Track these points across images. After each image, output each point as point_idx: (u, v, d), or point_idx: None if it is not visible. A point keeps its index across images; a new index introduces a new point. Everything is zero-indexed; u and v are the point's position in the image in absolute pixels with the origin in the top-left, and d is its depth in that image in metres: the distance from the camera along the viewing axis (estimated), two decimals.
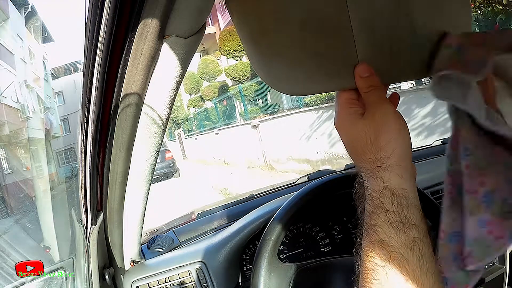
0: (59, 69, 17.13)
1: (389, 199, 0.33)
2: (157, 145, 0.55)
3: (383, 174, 0.34)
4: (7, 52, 8.99)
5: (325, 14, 0.34)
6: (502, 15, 3.59)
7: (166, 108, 0.48)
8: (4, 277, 0.79)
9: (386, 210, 0.33)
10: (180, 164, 10.98)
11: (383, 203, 0.33)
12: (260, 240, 0.65)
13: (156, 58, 0.41)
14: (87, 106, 0.43)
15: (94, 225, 0.60)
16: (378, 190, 0.34)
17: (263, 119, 7.20)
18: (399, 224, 0.32)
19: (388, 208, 0.33)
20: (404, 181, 0.34)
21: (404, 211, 0.33)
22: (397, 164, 0.35)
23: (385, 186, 0.34)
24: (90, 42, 0.36)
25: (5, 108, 8.00)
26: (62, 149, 9.65)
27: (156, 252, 0.84)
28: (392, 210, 0.33)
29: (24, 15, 10.15)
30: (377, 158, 0.35)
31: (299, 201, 0.67)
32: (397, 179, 0.34)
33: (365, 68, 0.36)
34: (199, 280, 0.74)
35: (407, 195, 0.34)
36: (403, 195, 0.34)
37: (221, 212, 1.02)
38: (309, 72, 0.36)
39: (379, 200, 0.33)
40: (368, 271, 0.32)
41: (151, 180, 0.62)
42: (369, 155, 0.36)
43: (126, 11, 0.35)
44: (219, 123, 10.23)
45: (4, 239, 1.64)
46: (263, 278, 0.61)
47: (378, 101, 0.37)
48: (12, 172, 6.04)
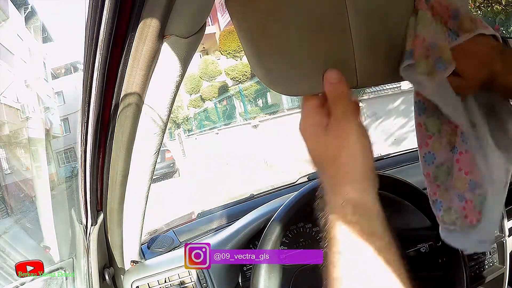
0: (59, 69, 17.13)
1: (350, 211, 0.33)
2: (157, 145, 0.55)
3: (344, 189, 0.34)
4: (7, 52, 8.99)
5: (324, 15, 0.34)
6: (502, 15, 3.59)
7: (166, 108, 0.48)
8: (4, 277, 0.79)
9: (347, 221, 0.33)
10: (180, 164, 10.98)
11: (344, 216, 0.33)
12: (260, 240, 0.65)
13: (156, 58, 0.41)
14: (87, 106, 0.43)
15: (94, 225, 0.60)
16: (339, 204, 0.34)
17: (263, 119, 7.20)
18: (362, 235, 0.32)
19: (349, 220, 0.33)
20: (366, 194, 0.34)
21: (366, 223, 0.33)
22: (357, 180, 0.35)
23: (346, 200, 0.34)
24: (90, 42, 0.36)
25: (5, 108, 8.00)
26: (62, 149, 9.64)
27: (156, 252, 0.84)
28: (354, 221, 0.33)
29: (24, 15, 10.15)
30: (338, 173, 0.35)
31: (299, 201, 0.67)
32: (358, 194, 0.34)
33: (334, 74, 0.35)
34: (199, 280, 0.74)
35: (369, 208, 0.34)
36: (364, 208, 0.34)
37: (221, 212, 1.02)
38: (306, 73, 0.36)
39: (340, 213, 0.33)
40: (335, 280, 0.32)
41: (151, 180, 0.62)
42: (330, 170, 0.36)
43: (126, 11, 0.35)
44: (219, 123, 10.23)
45: (4, 239, 1.64)
46: (263, 278, 0.61)
47: (343, 114, 0.36)
48: (12, 172, 6.04)
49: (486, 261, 0.95)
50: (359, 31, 0.34)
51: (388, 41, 0.37)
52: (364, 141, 0.36)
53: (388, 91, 4.79)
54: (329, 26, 0.34)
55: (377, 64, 0.37)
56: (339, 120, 0.36)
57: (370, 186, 0.35)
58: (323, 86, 0.36)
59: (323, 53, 0.35)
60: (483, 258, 0.95)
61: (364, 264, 0.31)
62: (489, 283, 0.92)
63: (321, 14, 0.34)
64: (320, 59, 0.35)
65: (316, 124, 0.37)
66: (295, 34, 0.34)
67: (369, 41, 0.35)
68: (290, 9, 0.34)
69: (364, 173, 0.35)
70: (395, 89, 4.93)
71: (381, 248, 0.31)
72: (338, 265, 0.32)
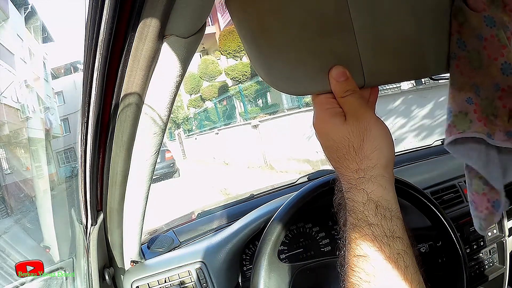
0: (59, 69, 17.13)
1: (373, 212, 0.32)
2: (157, 145, 0.55)
3: (367, 185, 0.33)
4: (7, 52, 8.99)
5: (325, 13, 0.34)
6: None
7: (166, 108, 0.48)
8: (4, 277, 0.79)
9: (369, 223, 0.32)
10: (180, 164, 10.98)
11: (367, 216, 0.32)
12: (260, 240, 0.65)
13: (156, 58, 0.41)
14: (87, 106, 0.43)
15: (94, 225, 0.60)
16: (362, 202, 0.33)
17: (263, 119, 7.20)
18: (383, 237, 0.31)
19: (371, 221, 0.32)
20: (387, 192, 0.33)
21: (388, 224, 0.32)
22: (381, 175, 0.34)
23: (368, 198, 0.33)
24: (90, 42, 0.36)
25: (5, 108, 8.00)
26: (62, 149, 9.63)
27: (156, 252, 0.84)
28: (375, 223, 0.32)
29: (24, 15, 10.15)
30: (361, 168, 0.34)
31: (299, 201, 0.67)
32: (381, 191, 0.33)
33: (341, 72, 0.34)
34: (199, 280, 0.74)
35: (390, 207, 0.33)
36: (387, 207, 0.33)
37: (221, 212, 1.02)
38: (310, 71, 0.36)
39: (362, 212, 0.32)
40: (353, 286, 0.31)
41: (151, 180, 0.62)
42: (352, 163, 0.34)
43: (126, 11, 0.35)
44: (219, 123, 10.23)
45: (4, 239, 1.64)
46: (263, 278, 0.61)
47: (359, 107, 0.35)
48: (12, 172, 6.04)
49: (486, 261, 0.95)
50: (363, 28, 0.34)
51: (396, 39, 0.36)
52: (387, 134, 0.35)
53: (388, 91, 4.79)
54: (331, 23, 0.34)
55: (385, 62, 0.37)
56: (357, 111, 0.35)
57: (391, 184, 0.34)
58: (329, 85, 0.35)
59: (326, 51, 0.35)
60: (483, 258, 0.95)
61: (384, 268, 0.30)
62: (489, 283, 0.92)
63: (322, 11, 0.34)
64: (323, 57, 0.35)
65: (334, 114, 0.35)
66: (296, 33, 0.34)
67: (375, 39, 0.35)
68: (290, 7, 0.34)
69: (386, 167, 0.34)
70: (395, 89, 4.93)
71: (401, 252, 0.31)
72: (358, 269, 0.31)
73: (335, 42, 0.35)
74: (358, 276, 0.31)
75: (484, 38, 0.38)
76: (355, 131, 0.34)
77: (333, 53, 0.35)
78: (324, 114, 0.36)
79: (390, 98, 4.71)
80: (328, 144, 0.36)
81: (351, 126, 0.35)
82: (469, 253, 0.92)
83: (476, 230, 0.48)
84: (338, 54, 0.35)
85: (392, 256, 0.31)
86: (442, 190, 0.94)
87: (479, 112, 0.41)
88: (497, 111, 0.41)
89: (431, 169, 1.02)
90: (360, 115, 0.35)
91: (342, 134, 0.35)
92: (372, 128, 0.34)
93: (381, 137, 0.34)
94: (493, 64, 0.39)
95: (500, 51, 0.38)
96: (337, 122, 0.35)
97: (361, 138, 0.34)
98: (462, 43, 0.39)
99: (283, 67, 0.36)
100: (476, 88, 0.41)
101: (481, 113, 0.41)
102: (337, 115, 0.35)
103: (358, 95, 0.35)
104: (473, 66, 0.40)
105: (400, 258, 0.31)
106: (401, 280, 0.30)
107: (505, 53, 0.38)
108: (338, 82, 0.34)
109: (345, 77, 0.34)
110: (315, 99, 0.37)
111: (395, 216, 0.33)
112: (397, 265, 0.30)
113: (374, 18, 0.35)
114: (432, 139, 3.01)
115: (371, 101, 0.38)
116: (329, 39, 0.35)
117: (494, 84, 0.40)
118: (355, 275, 0.31)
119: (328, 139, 0.36)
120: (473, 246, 0.94)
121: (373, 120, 0.35)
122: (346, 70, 0.34)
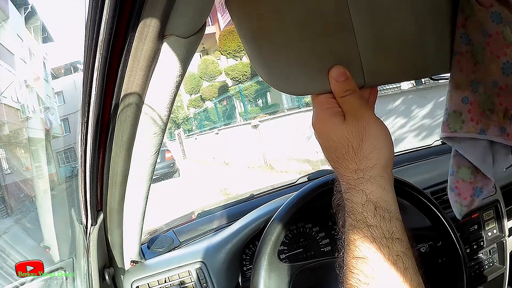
0: (59, 69, 17.13)
1: (372, 213, 0.32)
2: (157, 145, 0.55)
3: (366, 186, 0.33)
4: (7, 52, 8.99)
5: (325, 13, 0.34)
6: None
7: (166, 108, 0.48)
8: (4, 277, 0.79)
9: (368, 224, 0.32)
10: (180, 164, 10.98)
11: (366, 217, 0.32)
12: (260, 240, 0.65)
13: (156, 58, 0.41)
14: (87, 106, 0.43)
15: (94, 225, 0.60)
16: (361, 203, 0.33)
17: (263, 119, 7.20)
18: (382, 239, 0.31)
19: (370, 223, 0.32)
20: (386, 193, 0.33)
21: (387, 225, 0.32)
22: (380, 175, 0.33)
23: (367, 199, 0.32)
24: (90, 42, 0.36)
25: (5, 108, 8.00)
26: (62, 149, 9.63)
27: (156, 252, 0.84)
28: (374, 224, 0.31)
29: (24, 15, 10.15)
30: (360, 168, 0.34)
31: (299, 201, 0.67)
32: (380, 191, 0.33)
33: (341, 72, 0.34)
34: (199, 280, 0.74)
35: (389, 208, 0.33)
36: (386, 208, 0.32)
37: (221, 212, 1.02)
38: (310, 71, 0.36)
39: (361, 214, 0.32)
40: (351, 287, 0.31)
41: (151, 180, 0.62)
42: (351, 164, 0.34)
43: (126, 11, 0.35)
44: (219, 123, 10.23)
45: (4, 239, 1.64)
46: (263, 278, 0.61)
47: (359, 106, 0.35)
48: (12, 172, 6.04)
49: (486, 261, 0.95)
50: (363, 28, 0.34)
51: (396, 39, 0.36)
52: (386, 134, 0.35)
53: (388, 91, 4.79)
54: (331, 23, 0.34)
55: (385, 62, 0.36)
56: (356, 111, 0.35)
57: (390, 182, 0.34)
58: (329, 85, 0.35)
59: (326, 51, 0.35)
60: (483, 258, 0.95)
61: (383, 270, 0.30)
62: (489, 283, 0.92)
63: (322, 11, 0.34)
64: (323, 57, 0.35)
65: (333, 114, 0.35)
66: (296, 33, 0.34)
67: (375, 39, 0.35)
68: (290, 7, 0.34)
69: (386, 167, 0.34)
70: (395, 89, 4.92)
71: (400, 253, 0.31)
72: (357, 271, 0.31)
73: (335, 42, 0.35)
74: (357, 278, 0.31)
75: (489, 35, 0.39)
76: (354, 131, 0.34)
77: (333, 53, 0.35)
78: (324, 114, 0.36)
79: (390, 98, 4.71)
80: (327, 144, 0.36)
81: (350, 126, 0.34)
82: (469, 253, 0.92)
83: (456, 215, 0.50)
84: (338, 54, 0.35)
85: (391, 258, 0.30)
86: (442, 190, 0.94)
87: (474, 109, 0.42)
88: (494, 107, 0.42)
89: (431, 169, 1.02)
90: (359, 115, 0.35)
91: (341, 134, 0.35)
92: (371, 128, 0.34)
93: (380, 137, 0.34)
94: (494, 61, 0.39)
95: (504, 50, 0.39)
96: (337, 122, 0.35)
97: (360, 138, 0.34)
98: (467, 38, 0.39)
99: (283, 67, 0.36)
100: (475, 85, 0.41)
101: (478, 108, 0.42)
102: (336, 114, 0.35)
103: (357, 95, 0.35)
104: (475, 61, 0.40)
105: (399, 260, 0.30)
106: (400, 282, 0.30)
107: (508, 52, 0.39)
108: (338, 82, 0.34)
109: (345, 77, 0.34)
110: (315, 99, 0.37)
111: (394, 217, 0.32)
112: (396, 266, 0.30)
113: (374, 18, 0.35)
114: (432, 139, 3.02)
115: (370, 101, 0.38)
116: (329, 39, 0.35)
117: (492, 81, 0.40)
118: (354, 277, 0.31)
119: (327, 139, 0.36)
120: (473, 246, 0.94)
121: (373, 120, 0.35)
122: (346, 70, 0.34)
